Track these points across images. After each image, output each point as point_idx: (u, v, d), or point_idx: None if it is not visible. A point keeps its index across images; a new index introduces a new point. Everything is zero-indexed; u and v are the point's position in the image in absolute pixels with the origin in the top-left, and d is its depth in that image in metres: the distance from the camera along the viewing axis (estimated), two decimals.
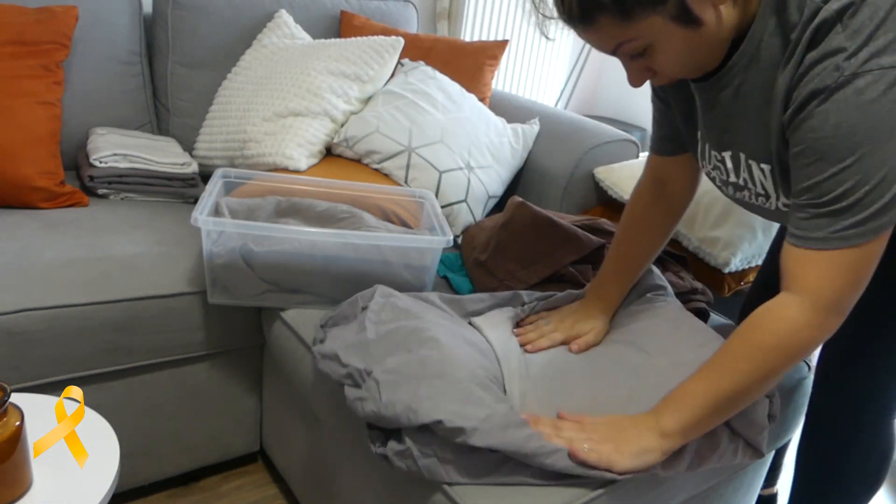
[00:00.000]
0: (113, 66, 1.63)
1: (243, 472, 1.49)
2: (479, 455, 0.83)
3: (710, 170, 0.96)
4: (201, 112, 1.73)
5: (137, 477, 1.31)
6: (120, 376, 1.21)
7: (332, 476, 1.17)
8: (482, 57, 1.89)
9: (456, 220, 1.52)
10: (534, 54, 2.95)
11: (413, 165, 1.51)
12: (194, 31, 1.70)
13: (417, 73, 1.69)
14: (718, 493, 1.18)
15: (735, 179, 0.91)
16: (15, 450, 0.74)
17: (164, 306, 1.19)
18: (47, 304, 1.09)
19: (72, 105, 1.57)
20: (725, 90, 0.83)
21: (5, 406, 0.73)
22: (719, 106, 0.86)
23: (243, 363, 1.36)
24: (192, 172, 1.56)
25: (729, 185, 0.94)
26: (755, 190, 0.89)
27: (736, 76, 0.81)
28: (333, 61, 1.61)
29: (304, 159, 1.49)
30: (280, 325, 1.21)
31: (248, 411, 1.41)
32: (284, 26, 1.75)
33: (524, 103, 1.90)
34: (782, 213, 0.90)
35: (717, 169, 0.94)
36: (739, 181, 0.91)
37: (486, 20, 2.68)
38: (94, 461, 0.84)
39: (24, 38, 1.40)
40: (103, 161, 1.46)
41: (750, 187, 0.90)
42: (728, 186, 0.95)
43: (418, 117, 1.57)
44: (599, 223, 1.40)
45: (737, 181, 0.91)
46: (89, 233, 1.30)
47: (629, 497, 0.90)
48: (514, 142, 1.70)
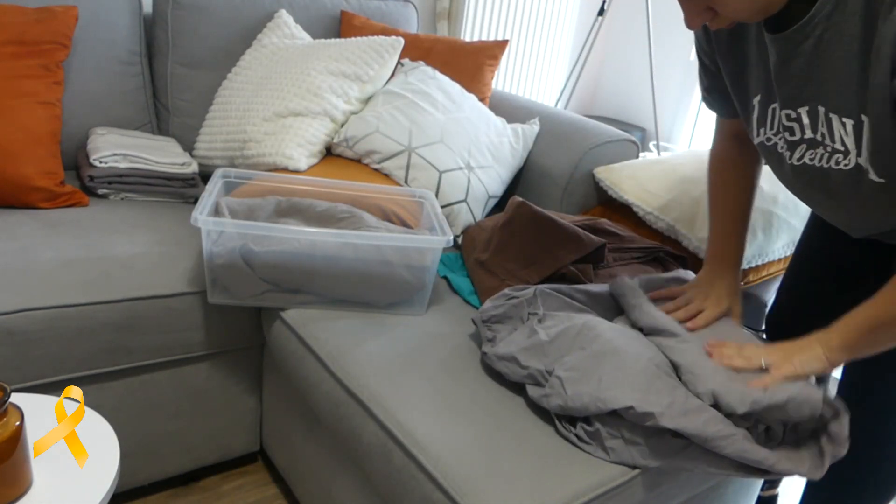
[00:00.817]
0: (113, 66, 1.63)
1: (243, 472, 1.49)
2: (664, 439, 0.89)
3: (772, 135, 0.93)
4: (201, 112, 1.73)
5: (137, 477, 1.31)
6: (120, 376, 1.21)
7: (332, 476, 1.17)
8: (482, 57, 1.89)
9: (456, 220, 1.52)
10: (534, 54, 2.95)
11: (413, 165, 1.51)
12: (194, 31, 1.70)
13: (417, 73, 1.69)
14: (718, 493, 1.18)
15: (812, 135, 0.87)
16: (15, 450, 0.74)
17: (164, 306, 1.19)
18: (47, 304, 1.09)
19: (72, 105, 1.57)
20: (807, 41, 0.79)
21: (5, 406, 0.73)
22: (800, 57, 0.81)
23: (243, 363, 1.36)
24: (192, 172, 1.56)
25: (799, 146, 0.89)
26: (833, 146, 0.85)
27: (818, 25, 0.77)
28: (333, 61, 1.61)
29: (304, 159, 1.49)
30: (280, 325, 1.21)
31: (248, 411, 1.41)
32: (284, 26, 1.75)
33: (524, 103, 1.90)
34: (852, 178, 0.86)
35: (788, 130, 0.89)
36: (817, 136, 0.86)
37: (486, 20, 2.68)
38: (94, 461, 0.84)
39: (24, 38, 1.40)
40: (103, 161, 1.46)
41: (827, 143, 0.85)
42: (797, 148, 0.90)
43: (418, 117, 1.57)
44: (599, 223, 1.40)
45: (813, 136, 0.87)
46: (89, 233, 1.30)
47: (629, 497, 0.90)
48: (514, 142, 1.70)
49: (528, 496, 0.83)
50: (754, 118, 0.95)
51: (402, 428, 0.93)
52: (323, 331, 1.14)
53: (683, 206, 1.46)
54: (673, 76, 3.07)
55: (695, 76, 3.01)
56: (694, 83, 3.01)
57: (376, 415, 0.97)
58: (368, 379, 1.02)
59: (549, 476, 0.86)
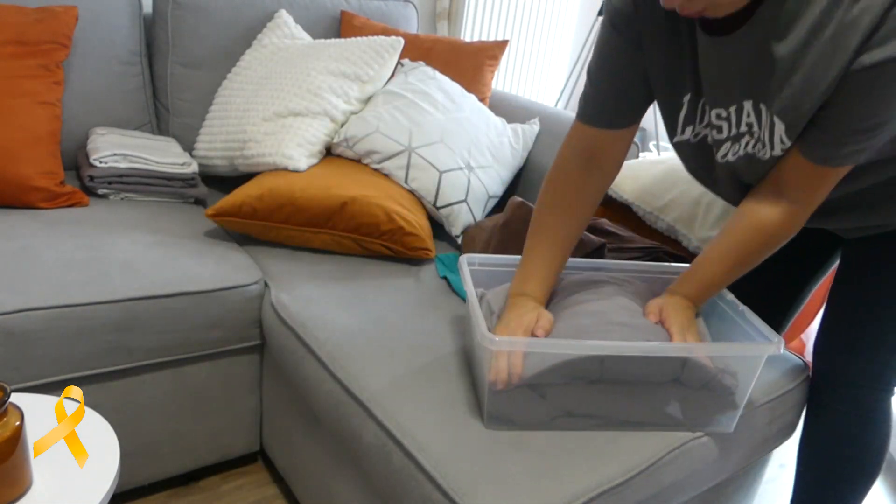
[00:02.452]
0: (113, 66, 1.63)
1: (243, 472, 1.49)
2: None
3: (702, 128, 0.95)
4: (201, 112, 1.73)
5: (137, 477, 1.31)
6: (120, 376, 1.21)
7: (332, 476, 1.17)
8: (482, 57, 1.89)
9: (456, 220, 1.52)
10: (534, 54, 2.95)
11: (413, 165, 1.51)
12: (194, 31, 1.70)
13: (417, 73, 1.69)
14: (718, 493, 1.18)
15: (737, 130, 0.90)
16: (15, 450, 0.74)
17: (164, 306, 1.19)
18: (47, 304, 1.09)
19: (72, 105, 1.57)
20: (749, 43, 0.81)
21: (5, 406, 0.73)
22: (738, 58, 0.83)
23: (243, 363, 1.36)
24: (192, 172, 1.56)
25: (726, 142, 0.92)
26: (758, 135, 0.88)
27: (758, 27, 0.79)
28: (333, 61, 1.62)
29: (303, 159, 1.49)
30: (280, 325, 1.21)
31: (248, 411, 1.41)
32: (284, 26, 1.75)
33: (524, 103, 1.90)
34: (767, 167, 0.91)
35: (721, 123, 0.91)
36: (741, 129, 0.89)
37: (486, 20, 2.68)
38: (94, 461, 0.84)
39: (24, 38, 1.40)
40: (103, 161, 1.46)
41: (755, 131, 0.88)
42: (722, 146, 0.93)
43: (418, 117, 1.57)
44: (599, 223, 1.40)
45: (738, 131, 0.90)
46: (89, 233, 1.30)
47: (629, 497, 0.90)
48: (514, 142, 1.70)
49: (528, 496, 0.83)
50: (681, 116, 0.95)
51: (401, 428, 0.93)
52: (323, 331, 1.14)
53: (683, 206, 1.46)
54: None
55: None
56: None
57: (376, 415, 0.97)
58: (368, 379, 1.02)
59: (549, 476, 0.86)
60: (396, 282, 1.32)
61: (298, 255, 1.39)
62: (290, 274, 1.31)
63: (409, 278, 1.35)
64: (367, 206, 1.36)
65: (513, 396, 0.92)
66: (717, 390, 0.97)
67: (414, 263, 1.42)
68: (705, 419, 0.99)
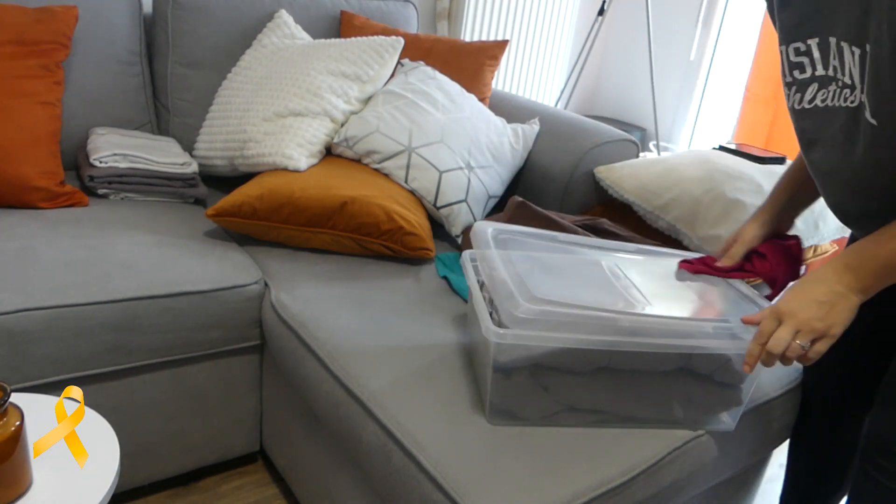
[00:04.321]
0: (113, 66, 1.63)
1: (243, 472, 1.49)
2: None
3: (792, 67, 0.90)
4: (201, 112, 1.73)
5: (137, 477, 1.31)
6: (120, 376, 1.21)
7: (332, 476, 1.17)
8: (482, 57, 1.89)
9: (456, 219, 1.52)
10: (534, 54, 2.95)
11: (413, 165, 1.51)
12: (194, 31, 1.70)
13: (417, 73, 1.69)
14: (718, 492, 1.18)
15: (822, 72, 0.85)
16: (15, 450, 0.74)
17: (164, 306, 1.19)
18: (47, 304, 1.09)
19: (72, 105, 1.57)
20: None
21: (5, 406, 0.73)
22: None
23: (243, 363, 1.36)
24: (192, 172, 1.56)
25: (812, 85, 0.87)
26: (843, 80, 0.82)
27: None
28: (333, 61, 1.62)
29: (303, 159, 1.49)
30: (280, 325, 1.21)
31: (248, 411, 1.41)
32: (284, 26, 1.75)
33: (524, 103, 1.90)
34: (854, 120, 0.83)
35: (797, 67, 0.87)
36: (828, 72, 0.84)
37: (486, 20, 2.68)
38: (94, 461, 0.84)
39: (24, 38, 1.40)
40: (103, 161, 1.46)
41: (839, 78, 0.83)
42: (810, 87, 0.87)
43: (418, 117, 1.57)
44: (599, 223, 1.40)
45: (824, 73, 0.85)
46: (89, 233, 1.30)
47: (629, 497, 0.90)
48: (514, 142, 1.70)
49: (528, 496, 0.83)
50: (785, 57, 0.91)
51: (401, 428, 0.93)
52: (323, 331, 1.14)
53: (684, 205, 1.46)
54: (673, 76, 3.07)
55: (695, 76, 3.01)
56: (694, 83, 3.01)
57: (376, 415, 0.97)
58: (368, 379, 1.02)
59: (549, 476, 0.86)
60: (396, 282, 1.32)
61: (298, 255, 1.39)
62: (290, 274, 1.31)
63: (409, 278, 1.35)
64: (367, 205, 1.36)
65: (515, 388, 0.92)
66: (725, 379, 0.93)
67: (414, 263, 1.42)
68: (709, 416, 0.98)
